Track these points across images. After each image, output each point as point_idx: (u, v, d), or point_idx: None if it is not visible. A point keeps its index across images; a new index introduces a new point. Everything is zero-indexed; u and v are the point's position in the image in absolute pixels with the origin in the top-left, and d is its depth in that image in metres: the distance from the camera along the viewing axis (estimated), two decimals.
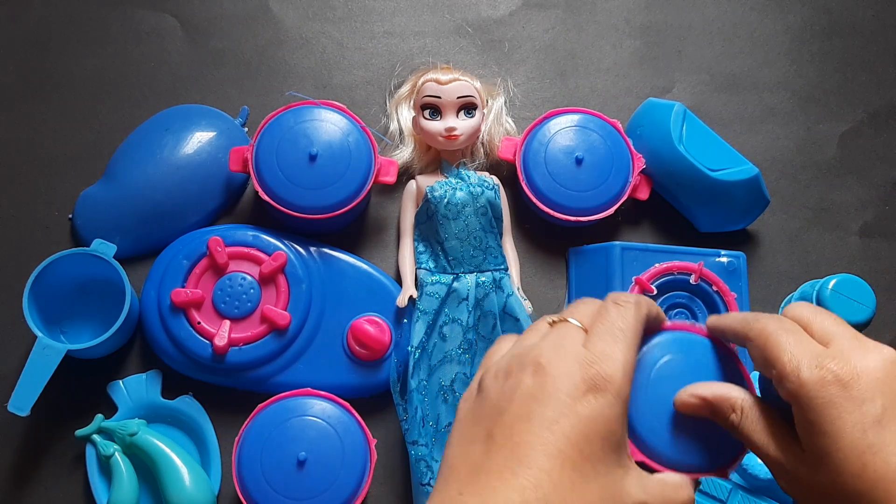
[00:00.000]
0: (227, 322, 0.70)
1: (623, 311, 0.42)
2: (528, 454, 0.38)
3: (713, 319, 0.47)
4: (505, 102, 0.79)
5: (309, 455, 0.66)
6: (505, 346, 0.45)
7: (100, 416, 0.70)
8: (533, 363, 0.40)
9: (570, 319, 0.43)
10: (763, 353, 0.42)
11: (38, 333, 0.67)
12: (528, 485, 0.37)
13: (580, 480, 0.38)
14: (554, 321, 0.43)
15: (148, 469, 0.69)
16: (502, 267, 0.74)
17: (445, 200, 0.72)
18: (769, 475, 0.68)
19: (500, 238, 0.75)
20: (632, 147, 0.76)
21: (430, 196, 0.72)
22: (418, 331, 0.71)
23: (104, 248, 0.70)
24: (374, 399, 0.72)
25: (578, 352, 0.40)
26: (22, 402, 0.66)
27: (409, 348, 0.70)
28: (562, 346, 0.41)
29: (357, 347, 0.71)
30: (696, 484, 0.45)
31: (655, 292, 0.70)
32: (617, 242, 0.71)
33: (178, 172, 0.75)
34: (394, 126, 0.78)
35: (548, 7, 0.85)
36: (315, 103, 0.74)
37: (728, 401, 0.43)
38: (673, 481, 0.42)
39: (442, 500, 0.39)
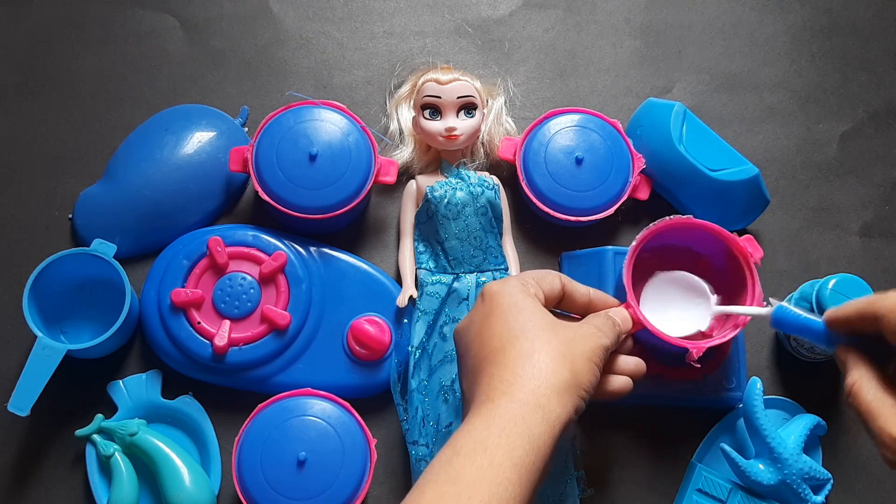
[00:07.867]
0: (227, 322, 0.70)
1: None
2: None
3: (832, 311, 0.53)
4: (505, 102, 0.79)
5: (309, 455, 0.66)
6: None
7: (100, 416, 0.70)
8: None
9: None
10: None
11: (38, 333, 0.67)
12: None
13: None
14: None
15: (148, 469, 0.69)
16: (502, 267, 0.73)
17: (445, 200, 0.72)
18: (771, 481, 0.68)
19: (501, 238, 0.75)
20: (632, 147, 0.76)
21: (430, 196, 0.72)
22: (419, 331, 0.71)
23: (104, 248, 0.70)
24: (374, 399, 0.72)
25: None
26: (22, 402, 0.66)
27: (410, 348, 0.70)
28: None
29: (357, 347, 0.71)
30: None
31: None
32: (610, 247, 0.71)
33: (178, 172, 0.75)
34: (394, 126, 0.78)
35: (548, 7, 0.85)
36: (315, 103, 0.74)
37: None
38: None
39: None
